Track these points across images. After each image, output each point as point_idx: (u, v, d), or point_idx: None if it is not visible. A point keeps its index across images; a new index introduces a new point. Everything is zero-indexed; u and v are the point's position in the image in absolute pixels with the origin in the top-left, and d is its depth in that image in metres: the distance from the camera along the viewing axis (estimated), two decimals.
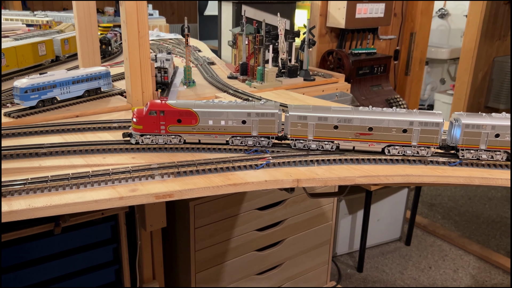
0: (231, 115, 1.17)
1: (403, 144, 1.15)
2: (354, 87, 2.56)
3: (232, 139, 1.20)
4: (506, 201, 3.58)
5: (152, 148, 1.18)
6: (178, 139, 1.19)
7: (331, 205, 2.25)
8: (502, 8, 3.86)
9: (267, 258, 2.09)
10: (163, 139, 1.19)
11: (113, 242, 1.77)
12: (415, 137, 1.14)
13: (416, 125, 1.13)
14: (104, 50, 2.38)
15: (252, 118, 1.17)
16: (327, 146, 1.18)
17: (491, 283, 2.64)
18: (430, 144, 1.14)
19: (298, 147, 1.19)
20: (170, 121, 1.17)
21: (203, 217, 1.79)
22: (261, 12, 2.45)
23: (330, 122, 1.15)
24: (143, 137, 1.18)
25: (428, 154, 1.15)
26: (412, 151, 1.15)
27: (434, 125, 1.12)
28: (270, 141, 1.20)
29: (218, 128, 1.18)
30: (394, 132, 1.14)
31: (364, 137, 1.16)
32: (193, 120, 1.17)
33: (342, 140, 1.17)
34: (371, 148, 1.17)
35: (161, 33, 3.29)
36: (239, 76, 2.07)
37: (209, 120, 1.17)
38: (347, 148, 1.18)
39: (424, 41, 3.05)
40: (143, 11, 1.48)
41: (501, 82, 4.06)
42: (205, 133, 1.18)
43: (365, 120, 1.14)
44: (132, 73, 1.54)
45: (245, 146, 1.20)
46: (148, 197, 0.96)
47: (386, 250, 2.94)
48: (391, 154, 1.16)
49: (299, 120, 1.16)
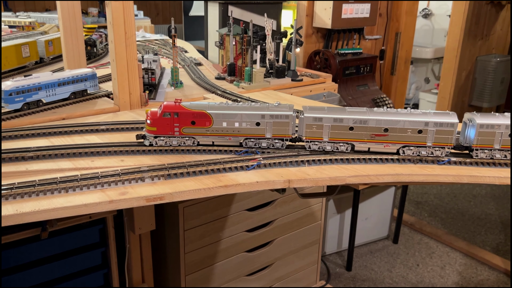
0: (245, 117, 1.16)
1: (418, 144, 1.15)
2: (341, 87, 2.58)
3: (246, 141, 1.19)
4: (490, 198, 3.64)
5: (141, 150, 1.16)
6: (192, 141, 1.19)
7: (319, 205, 2.25)
8: (484, 8, 3.92)
9: (257, 259, 2.09)
10: (177, 141, 1.18)
11: (101, 246, 1.75)
12: (430, 138, 1.14)
13: (432, 125, 1.13)
14: (89, 51, 2.35)
15: (266, 120, 1.16)
16: (342, 148, 1.17)
17: (477, 279, 2.68)
18: (444, 144, 1.14)
19: (313, 148, 1.18)
20: (184, 123, 1.16)
21: (192, 219, 1.77)
22: (247, 13, 2.45)
23: (346, 123, 1.14)
24: (157, 139, 1.18)
25: (442, 155, 1.15)
26: (426, 152, 1.15)
27: (449, 125, 1.12)
28: (284, 143, 1.19)
29: (232, 130, 1.17)
30: (409, 133, 1.14)
31: (379, 138, 1.15)
32: (207, 122, 1.16)
33: (357, 142, 1.16)
34: (386, 149, 1.16)
35: (147, 34, 3.26)
36: (227, 77, 2.06)
37: (223, 122, 1.16)
38: (362, 149, 1.17)
39: (409, 41, 3.08)
40: (129, 12, 1.47)
41: (484, 81, 4.13)
42: (219, 135, 1.18)
43: (381, 121, 1.13)
44: (119, 74, 1.52)
45: (258, 148, 1.19)
46: (139, 200, 0.95)
47: (374, 249, 2.96)
48: (406, 154, 1.16)
49: (315, 121, 1.15)
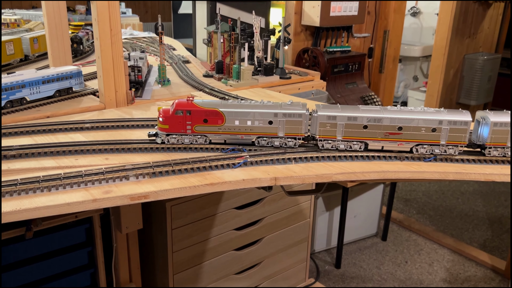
0: (257, 115, 1.15)
1: (432, 143, 1.15)
2: (330, 85, 2.58)
3: (258, 140, 1.18)
4: (477, 195, 3.68)
5: (126, 148, 1.15)
6: (204, 139, 1.18)
7: (308, 202, 2.25)
8: (471, 7, 3.95)
9: (246, 257, 2.09)
10: (189, 139, 1.18)
11: (88, 245, 1.73)
12: (444, 136, 1.14)
13: (446, 124, 1.13)
14: (75, 49, 2.33)
15: (279, 119, 1.15)
16: (355, 146, 1.17)
17: (465, 276, 2.70)
18: (458, 142, 1.14)
19: (326, 147, 1.18)
20: (196, 121, 1.16)
21: (180, 217, 1.76)
22: (236, 10, 2.43)
23: (360, 122, 1.14)
24: (169, 137, 1.17)
25: (455, 153, 1.15)
26: (440, 150, 1.15)
27: (462, 123, 1.13)
28: (297, 142, 1.18)
29: (244, 129, 1.16)
30: (423, 132, 1.14)
31: (393, 137, 1.15)
32: (220, 120, 1.15)
33: (371, 140, 1.16)
34: (400, 147, 1.16)
35: (135, 32, 3.23)
36: (215, 74, 2.05)
37: (236, 120, 1.15)
38: (376, 148, 1.17)
39: (397, 39, 3.09)
40: (115, 9, 1.45)
41: (471, 78, 4.16)
42: (231, 133, 1.17)
43: (395, 120, 1.13)
44: (104, 72, 1.50)
45: (271, 146, 1.18)
46: (123, 199, 0.94)
47: (363, 246, 2.97)
48: (419, 153, 1.16)
49: (328, 120, 1.14)
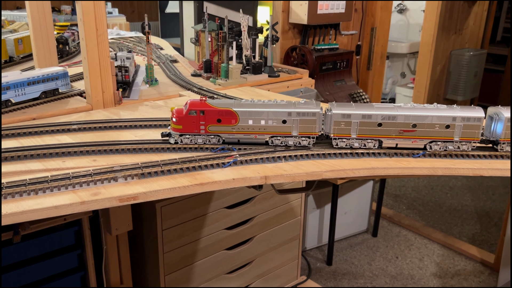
0: (271, 114, 1.15)
1: (445, 139, 1.15)
2: (318, 83, 2.58)
3: (272, 139, 1.18)
4: (466, 189, 3.72)
5: (114, 149, 1.14)
6: (217, 139, 1.17)
7: (299, 200, 2.26)
8: (457, 3, 3.99)
9: (237, 256, 2.08)
10: (202, 139, 1.17)
11: (77, 248, 1.71)
12: (458, 133, 1.14)
13: (459, 120, 1.13)
14: (61, 49, 2.30)
15: (293, 118, 1.15)
16: (369, 144, 1.17)
17: (455, 269, 2.73)
18: (471, 139, 1.15)
19: (340, 146, 1.18)
20: (210, 121, 1.15)
21: (170, 218, 1.75)
22: (223, 9, 2.42)
23: (374, 119, 1.14)
24: (182, 137, 1.16)
25: (469, 149, 1.16)
26: (453, 146, 1.16)
27: (476, 120, 1.13)
28: (311, 141, 1.18)
29: (258, 128, 1.16)
30: (437, 128, 1.14)
31: (407, 134, 1.15)
32: (233, 119, 1.15)
33: (385, 138, 1.16)
34: (414, 144, 1.16)
35: (121, 32, 3.21)
36: (203, 73, 2.04)
37: (249, 119, 1.15)
38: (390, 145, 1.17)
39: (384, 36, 3.10)
40: (100, 9, 1.44)
41: (458, 74, 4.20)
42: (244, 132, 1.16)
43: (409, 117, 1.13)
44: (91, 72, 1.49)
45: (284, 146, 1.18)
46: (111, 201, 0.93)
47: (354, 242, 2.99)
48: (433, 150, 1.16)
49: (343, 118, 1.14)
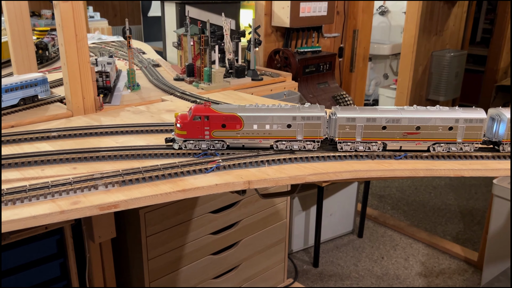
0: (276, 119, 1.14)
1: (449, 141, 1.16)
2: (302, 85, 2.59)
3: (277, 144, 1.17)
4: (449, 188, 3.76)
5: (95, 156, 1.12)
6: (222, 144, 1.17)
7: (284, 203, 2.26)
8: (437, 5, 4.05)
9: (223, 261, 2.07)
10: (206, 144, 1.16)
11: (60, 257, 1.68)
12: (460, 134, 1.15)
13: (462, 122, 1.14)
14: (41, 55, 2.26)
15: (298, 122, 1.15)
16: (374, 147, 1.17)
17: (439, 268, 2.75)
18: (473, 140, 1.16)
19: (345, 149, 1.18)
20: (214, 126, 1.14)
21: (154, 224, 1.73)
22: (205, 12, 2.42)
23: (379, 123, 1.14)
24: (186, 142, 1.16)
25: (471, 150, 1.17)
26: (456, 148, 1.17)
27: (478, 121, 1.14)
28: (315, 145, 1.18)
29: (262, 133, 1.15)
30: (440, 130, 1.15)
31: (411, 137, 1.16)
32: (238, 124, 1.14)
33: (389, 140, 1.16)
34: (418, 146, 1.17)
35: (103, 36, 3.17)
36: (186, 77, 2.03)
37: (254, 124, 1.14)
38: (394, 148, 1.17)
39: (366, 38, 3.13)
40: (79, 13, 1.42)
41: (439, 75, 4.26)
42: (249, 137, 1.16)
43: (413, 120, 1.14)
44: (71, 78, 1.47)
45: (289, 150, 1.18)
46: (92, 209, 0.91)
47: (340, 244, 3.00)
48: (436, 151, 1.17)
49: (348, 122, 1.14)
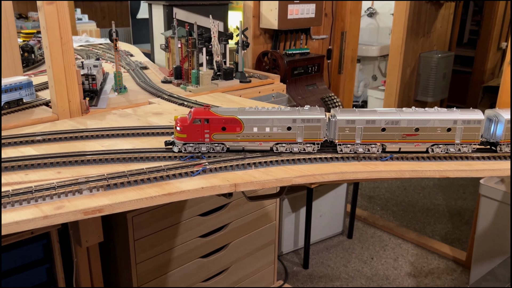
0: (276, 121, 1.14)
1: (447, 142, 1.17)
2: (290, 87, 2.59)
3: (277, 146, 1.17)
4: (437, 189, 3.79)
5: (80, 160, 1.11)
6: (221, 147, 1.17)
7: (274, 205, 2.26)
8: (424, 7, 4.08)
9: (212, 264, 2.06)
10: (206, 147, 1.16)
11: (46, 262, 1.66)
12: (458, 135, 1.16)
13: (460, 123, 1.15)
14: (27, 58, 2.24)
15: (298, 124, 1.15)
16: (373, 149, 1.18)
17: (428, 268, 2.77)
18: (471, 141, 1.17)
19: (345, 151, 1.18)
20: (214, 129, 1.14)
21: (142, 228, 1.72)
22: (193, 15, 2.41)
23: (378, 124, 1.15)
24: (186, 145, 1.15)
25: (469, 151, 1.18)
26: (454, 149, 1.18)
27: (476, 122, 1.15)
28: (315, 147, 1.18)
29: (262, 135, 1.16)
30: (439, 132, 1.16)
31: (410, 138, 1.16)
32: (238, 127, 1.14)
33: (388, 142, 1.17)
34: (417, 148, 1.18)
35: (90, 38, 3.15)
36: (174, 80, 2.02)
37: (254, 127, 1.14)
38: (393, 149, 1.18)
39: (354, 40, 3.15)
40: (64, 16, 1.40)
41: (427, 76, 4.30)
42: (249, 140, 1.16)
43: (412, 121, 1.15)
44: (56, 81, 1.45)
45: (289, 152, 1.18)
46: (76, 214, 0.90)
47: (330, 245, 3.01)
48: (435, 152, 1.18)
49: (347, 124, 1.15)
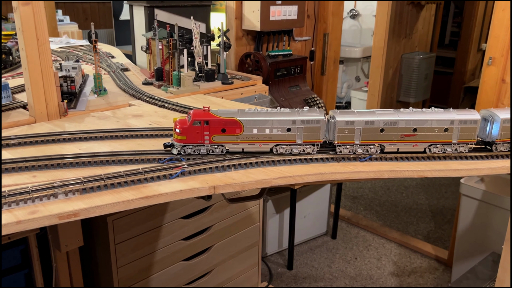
0: (276, 123, 1.14)
1: (444, 142, 1.19)
2: (273, 89, 2.59)
3: (277, 148, 1.17)
4: (420, 188, 3.84)
5: (56, 164, 1.09)
6: (221, 149, 1.16)
7: (257, 206, 2.25)
8: (406, 8, 4.13)
9: (196, 266, 2.05)
10: (205, 149, 1.15)
11: (24, 268, 1.63)
12: (455, 135, 1.18)
13: (457, 123, 1.17)
14: (4, 60, 2.20)
15: (297, 126, 1.15)
16: (372, 150, 1.18)
17: (411, 267, 2.80)
18: (468, 140, 1.19)
19: (344, 152, 1.18)
20: (214, 131, 1.13)
21: (123, 231, 1.70)
22: (175, 16, 2.40)
23: (377, 125, 1.16)
24: (186, 148, 1.14)
25: (465, 151, 1.20)
26: (451, 149, 1.19)
27: (472, 122, 1.17)
28: (315, 148, 1.18)
29: (262, 137, 1.15)
30: (436, 132, 1.17)
31: (408, 138, 1.18)
32: (238, 129, 1.14)
33: (387, 143, 1.18)
34: (415, 148, 1.19)
35: (71, 40, 3.11)
36: (155, 81, 2.00)
37: (254, 129, 1.14)
38: (392, 150, 1.19)
39: (336, 41, 3.16)
40: (41, 16, 1.38)
41: (409, 77, 4.35)
42: (249, 142, 1.16)
43: (410, 122, 1.16)
44: (33, 84, 1.43)
45: (289, 154, 1.18)
46: (50, 219, 0.88)
47: (314, 245, 3.01)
48: (432, 152, 1.19)
49: (347, 125, 1.16)
